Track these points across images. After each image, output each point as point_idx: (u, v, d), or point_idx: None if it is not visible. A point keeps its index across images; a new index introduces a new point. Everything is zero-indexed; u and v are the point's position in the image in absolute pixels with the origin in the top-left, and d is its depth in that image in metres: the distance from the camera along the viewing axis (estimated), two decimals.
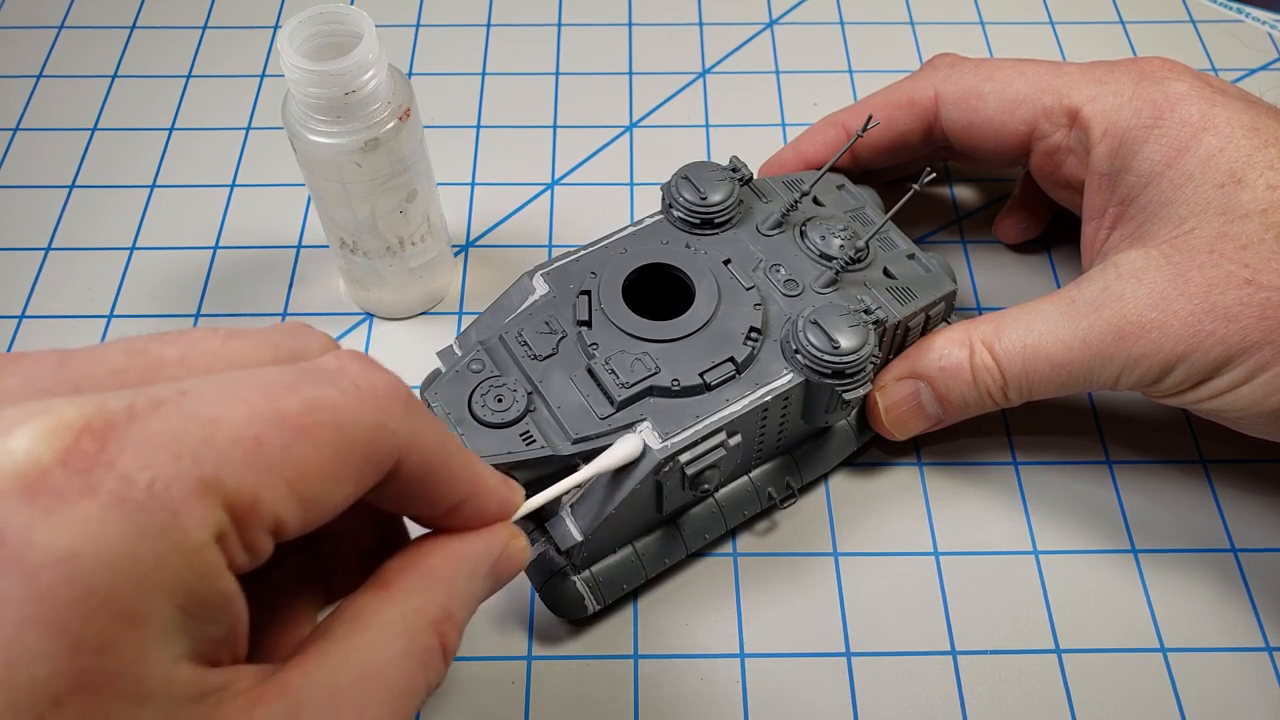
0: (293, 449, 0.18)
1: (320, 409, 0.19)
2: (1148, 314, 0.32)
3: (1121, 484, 0.39)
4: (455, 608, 0.23)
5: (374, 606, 0.22)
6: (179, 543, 0.17)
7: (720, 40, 0.54)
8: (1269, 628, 0.36)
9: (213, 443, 0.18)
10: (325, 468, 0.19)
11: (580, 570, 0.34)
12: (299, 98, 0.34)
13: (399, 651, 0.21)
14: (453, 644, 0.23)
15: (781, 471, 0.37)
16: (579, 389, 0.33)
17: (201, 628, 0.18)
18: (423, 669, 0.22)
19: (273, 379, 0.19)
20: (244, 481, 0.18)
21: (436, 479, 0.22)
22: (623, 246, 0.37)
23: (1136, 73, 0.35)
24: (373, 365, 0.21)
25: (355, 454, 0.20)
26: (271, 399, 0.19)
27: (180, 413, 0.18)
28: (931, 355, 0.36)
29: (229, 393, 0.18)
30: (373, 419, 0.20)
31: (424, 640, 0.22)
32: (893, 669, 0.35)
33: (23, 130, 0.50)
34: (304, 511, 0.19)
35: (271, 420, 0.18)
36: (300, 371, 0.20)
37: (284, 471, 0.18)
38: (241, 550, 0.18)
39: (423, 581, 0.23)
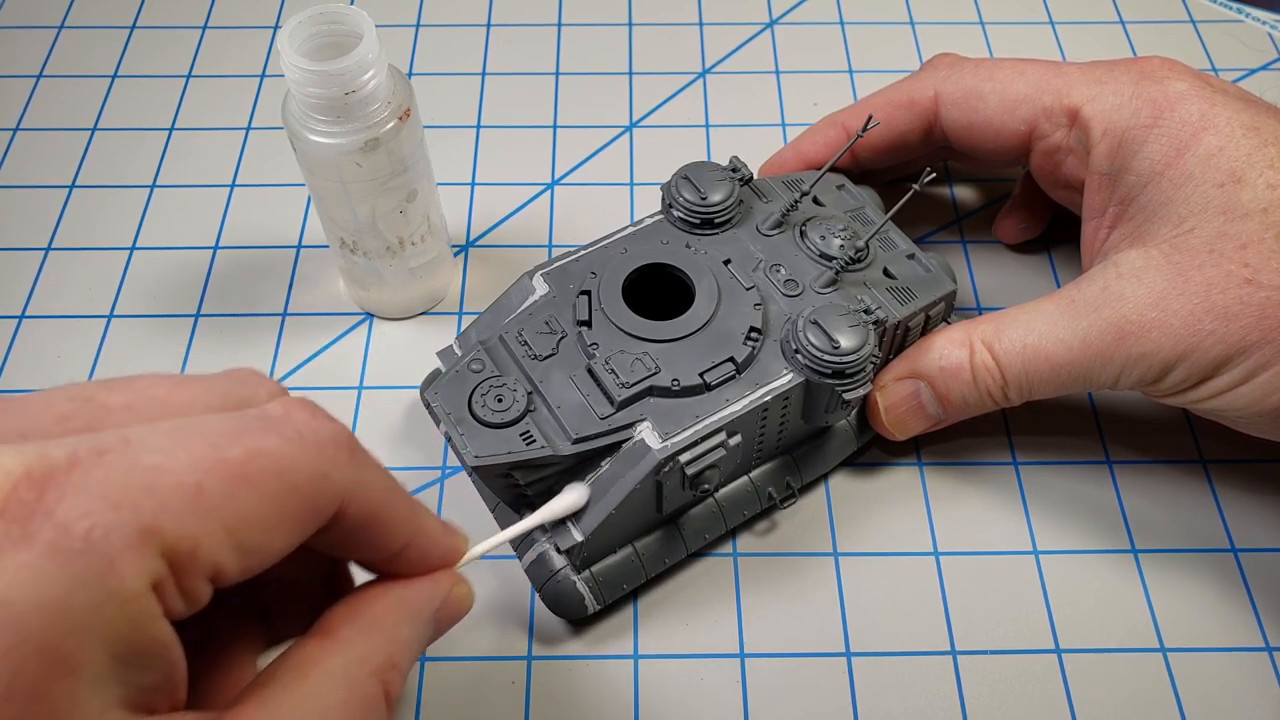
0: (234, 497, 0.19)
1: (263, 457, 0.19)
2: (1148, 313, 0.32)
3: (1121, 484, 0.39)
4: (398, 655, 0.23)
5: (316, 655, 0.22)
6: (115, 591, 0.17)
7: (720, 40, 0.54)
8: (1269, 628, 0.36)
9: (154, 491, 0.18)
10: (266, 515, 0.19)
11: (580, 570, 0.34)
12: (299, 98, 0.34)
13: (340, 701, 0.21)
14: (396, 691, 0.23)
15: (781, 471, 0.37)
16: (579, 389, 0.33)
17: (136, 675, 0.18)
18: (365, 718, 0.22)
19: (217, 427, 0.19)
20: (184, 529, 0.18)
21: (379, 525, 0.22)
22: (623, 246, 0.37)
23: (1136, 72, 0.35)
24: (319, 413, 0.21)
25: (296, 502, 0.20)
26: (215, 447, 0.19)
27: (122, 461, 0.18)
28: (931, 355, 0.36)
29: (172, 440, 0.19)
30: (315, 467, 0.20)
31: (367, 689, 0.22)
32: (893, 669, 0.35)
33: (23, 130, 0.50)
34: (243, 558, 0.19)
35: (214, 468, 0.18)
36: (244, 419, 0.20)
37: (224, 519, 0.18)
38: (178, 597, 0.18)
39: (366, 630, 0.23)
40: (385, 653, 0.23)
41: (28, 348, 0.43)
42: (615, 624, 0.36)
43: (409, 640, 0.24)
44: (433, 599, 0.24)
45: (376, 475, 0.22)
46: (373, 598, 0.24)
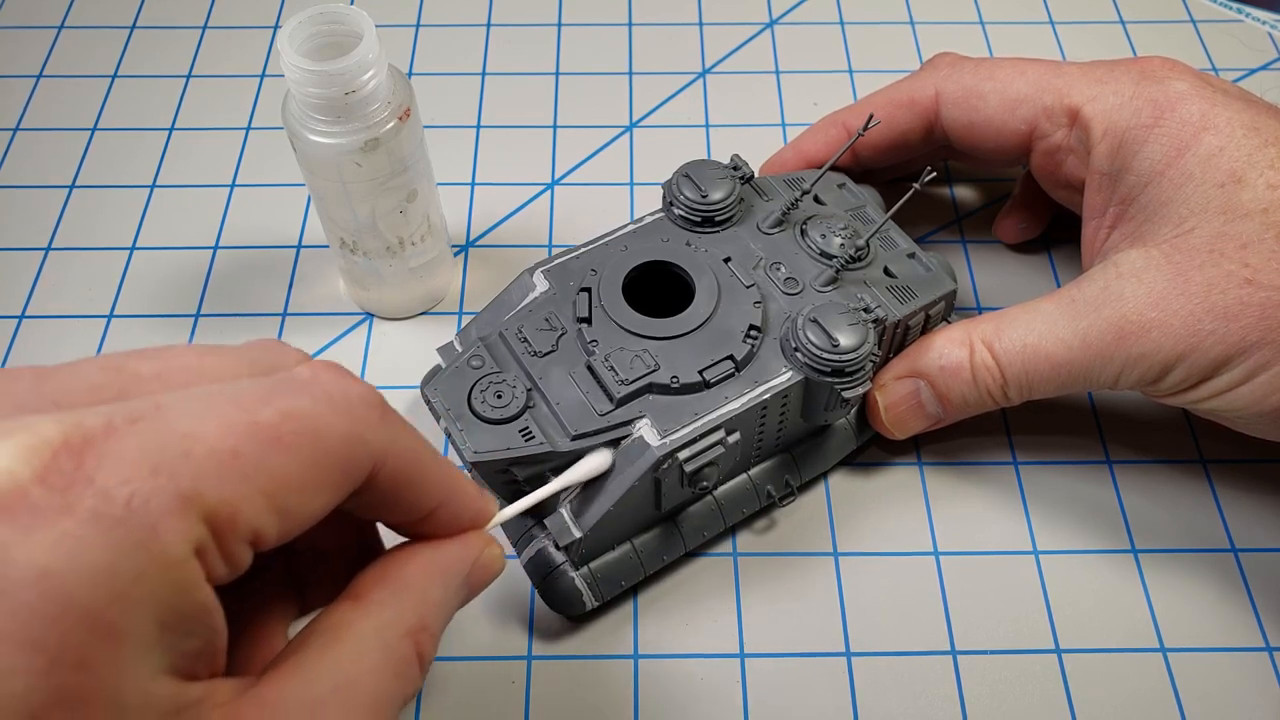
0: (269, 460, 0.19)
1: (295, 419, 0.19)
2: (1148, 313, 0.32)
3: (1121, 484, 0.39)
4: (430, 617, 0.23)
5: (349, 619, 0.22)
6: (158, 558, 0.17)
7: (720, 40, 0.54)
8: (1269, 628, 0.36)
9: (190, 457, 0.18)
10: (302, 478, 0.19)
11: (579, 567, 0.34)
12: (299, 98, 0.34)
13: (374, 663, 0.21)
14: (429, 653, 0.23)
15: (781, 470, 0.37)
16: (578, 385, 0.33)
17: (180, 641, 0.18)
18: (398, 679, 0.22)
19: (247, 391, 0.19)
20: (222, 494, 0.18)
21: (412, 486, 0.22)
22: (623, 244, 0.37)
23: (1137, 72, 0.35)
24: (346, 375, 0.21)
25: (331, 463, 0.20)
26: (247, 411, 0.19)
27: (157, 428, 0.18)
28: (931, 354, 0.36)
29: (204, 406, 0.19)
30: (348, 428, 0.20)
31: (400, 651, 0.22)
32: (893, 669, 0.35)
33: (23, 130, 0.50)
34: (281, 521, 0.19)
35: (248, 432, 0.18)
36: (274, 383, 0.20)
37: (261, 483, 0.18)
38: (220, 562, 0.18)
39: (398, 592, 0.23)
40: (417, 614, 0.23)
41: (28, 348, 0.43)
42: (615, 624, 0.36)
43: (440, 602, 0.24)
44: (464, 561, 0.24)
45: (408, 436, 0.22)
46: (404, 560, 0.24)
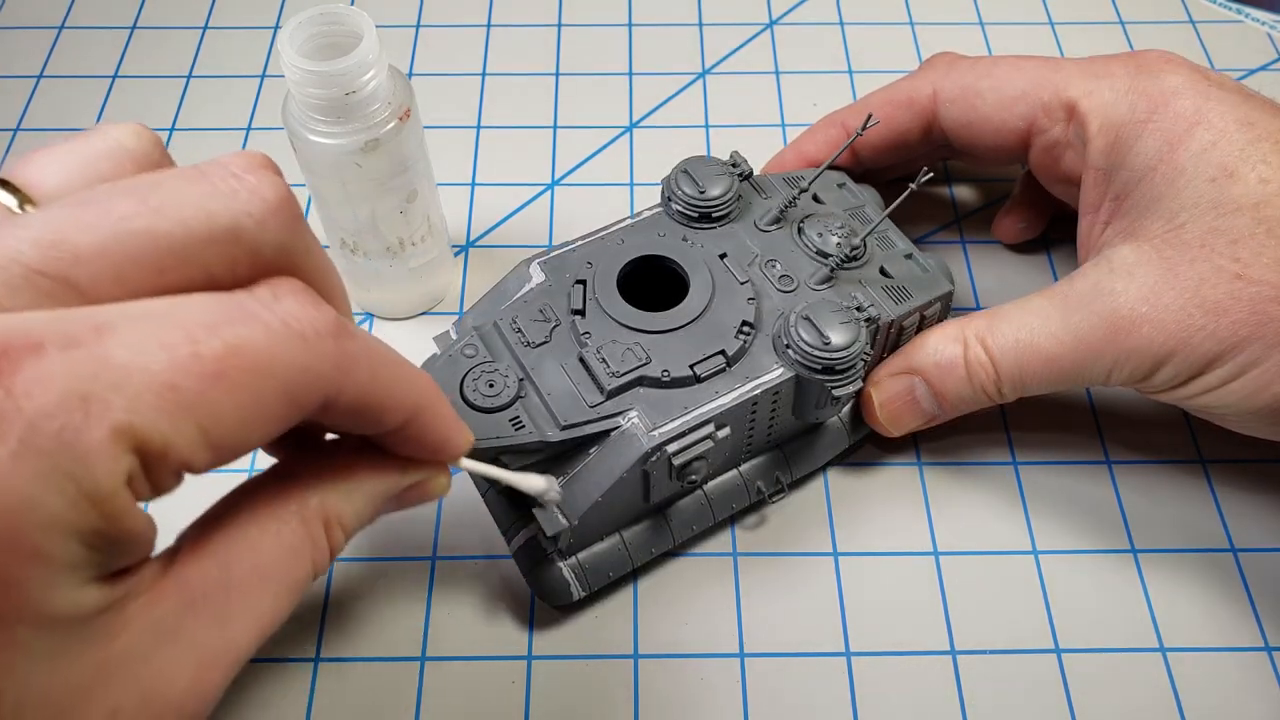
0: (208, 395, 0.18)
1: (242, 353, 0.19)
2: (1139, 308, 0.32)
3: (1121, 484, 0.39)
4: (346, 515, 0.23)
5: (273, 498, 0.22)
6: (88, 490, 0.17)
7: (720, 40, 0.54)
8: (1269, 628, 0.36)
9: (125, 389, 0.17)
10: (241, 414, 0.19)
11: (566, 557, 0.34)
12: (299, 98, 0.34)
13: (292, 547, 0.22)
14: (338, 546, 0.23)
15: (772, 466, 0.37)
16: (570, 377, 0.33)
17: (109, 559, 0.18)
18: (312, 565, 0.22)
19: (196, 317, 0.19)
20: (156, 428, 0.18)
21: (370, 410, 0.22)
22: (620, 238, 0.37)
23: (1133, 66, 0.35)
24: (306, 299, 0.20)
25: (275, 398, 0.19)
26: (192, 341, 0.18)
27: (93, 355, 0.17)
28: (926, 351, 0.36)
29: (147, 332, 0.18)
30: (298, 360, 0.19)
31: (317, 538, 0.22)
32: (893, 669, 0.35)
33: (23, 130, 0.50)
34: (215, 453, 0.19)
35: (188, 366, 0.18)
36: (226, 307, 0.19)
37: (197, 418, 0.18)
38: (148, 489, 0.18)
39: (324, 482, 0.23)
40: (337, 508, 0.23)
41: None
42: (615, 624, 0.36)
43: (361, 506, 0.24)
44: (400, 476, 0.25)
45: (366, 363, 0.21)
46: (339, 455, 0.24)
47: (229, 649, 0.20)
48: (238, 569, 0.21)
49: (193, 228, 0.20)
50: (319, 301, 0.21)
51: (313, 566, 0.22)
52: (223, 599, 0.20)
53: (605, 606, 0.36)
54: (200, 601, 0.20)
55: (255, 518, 0.22)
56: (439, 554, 0.37)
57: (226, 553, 0.21)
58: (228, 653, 0.20)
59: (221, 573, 0.21)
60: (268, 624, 0.21)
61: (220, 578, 0.20)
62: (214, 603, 0.20)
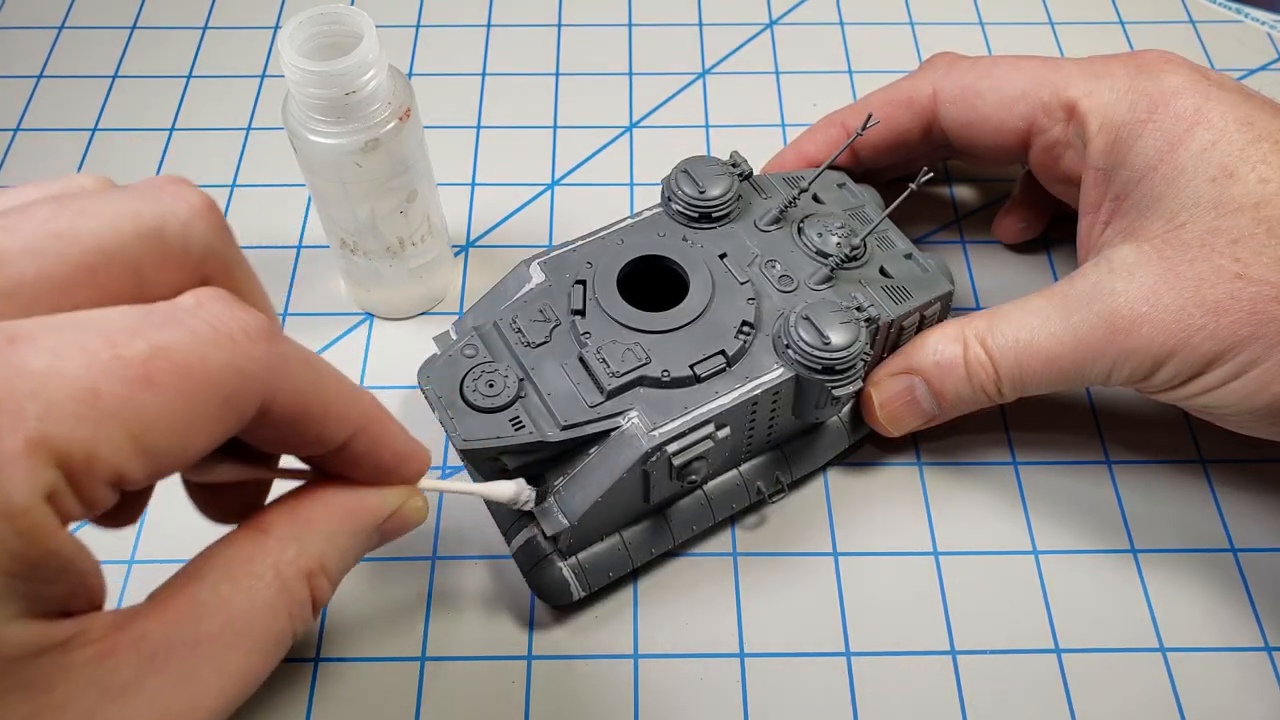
0: (135, 399, 0.17)
1: (167, 354, 0.18)
2: (1139, 308, 0.32)
3: (1121, 484, 0.39)
4: (331, 562, 0.22)
5: (248, 553, 0.21)
6: (2, 507, 0.16)
7: (720, 40, 0.54)
8: (1269, 628, 0.36)
9: (40, 396, 0.16)
10: (173, 417, 0.18)
11: (567, 557, 0.34)
12: (299, 98, 0.34)
13: (268, 602, 0.21)
14: (324, 596, 0.22)
15: (772, 466, 0.37)
16: (570, 377, 0.33)
17: (37, 588, 0.17)
18: (290, 621, 0.21)
19: (117, 323, 0.18)
20: (77, 436, 0.17)
21: (311, 419, 0.21)
22: (620, 238, 0.37)
23: (1133, 66, 0.35)
24: (233, 303, 0.20)
25: (208, 401, 0.18)
26: (113, 345, 0.17)
27: (7, 364, 0.16)
28: (926, 350, 0.36)
29: (65, 339, 0.17)
30: (228, 362, 0.19)
31: (296, 592, 0.21)
32: (893, 669, 0.35)
33: (23, 130, 0.50)
34: (150, 462, 0.18)
35: (110, 369, 0.17)
36: (149, 313, 0.18)
37: (125, 423, 0.17)
38: (77, 505, 0.17)
39: (302, 531, 0.22)
40: (318, 558, 0.22)
41: None
42: (615, 624, 0.36)
43: (346, 548, 0.23)
44: (380, 510, 0.24)
45: (301, 368, 0.21)
46: (315, 500, 0.23)
47: (195, 710, 0.19)
48: (206, 625, 0.20)
49: (119, 226, 0.20)
50: (246, 306, 0.20)
51: (290, 622, 0.21)
52: (188, 656, 0.19)
53: (605, 606, 0.36)
54: (161, 657, 0.19)
55: (229, 573, 0.21)
56: (439, 554, 0.37)
57: (195, 609, 0.20)
58: (192, 714, 0.19)
59: (188, 629, 0.19)
60: (240, 684, 0.20)
61: (187, 634, 0.19)
62: (178, 660, 0.19)
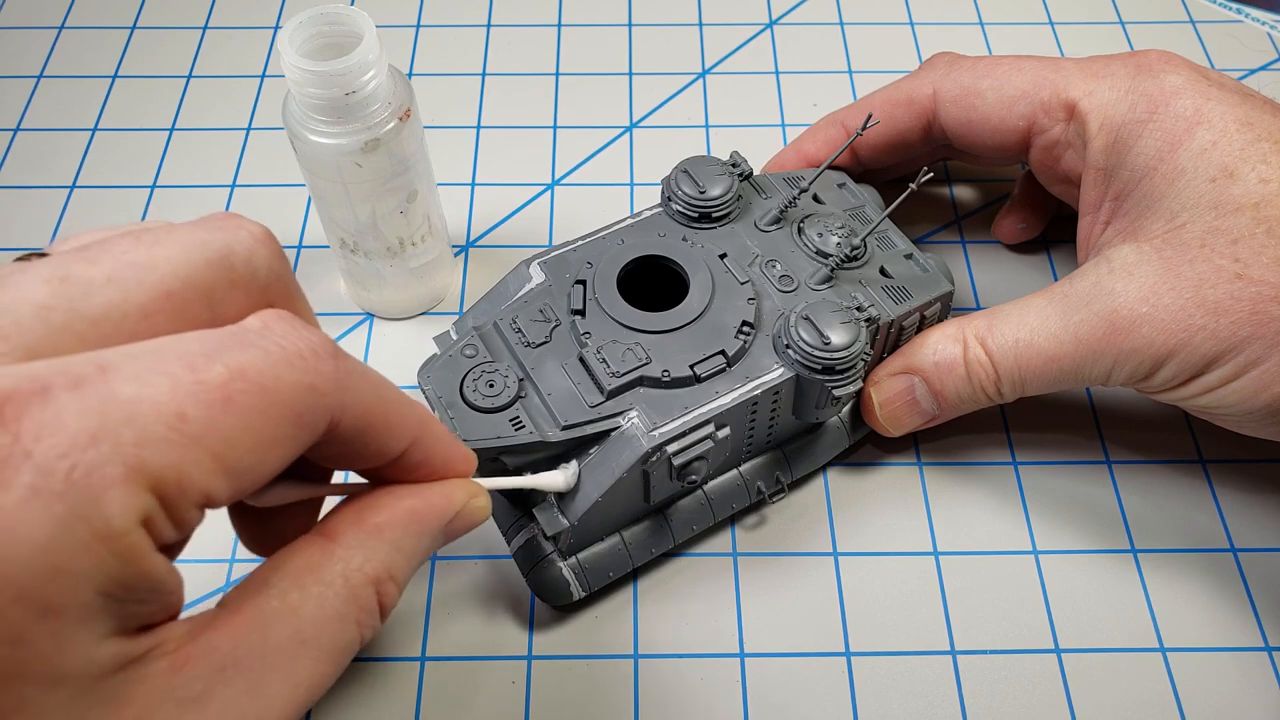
0: (218, 421, 0.18)
1: (245, 376, 0.18)
2: (1138, 308, 0.32)
3: (1121, 484, 0.39)
4: (399, 567, 0.23)
5: (315, 561, 0.21)
6: (101, 531, 0.16)
7: (720, 40, 0.54)
8: (1269, 628, 0.36)
9: (134, 423, 0.17)
10: (253, 437, 0.18)
11: (567, 557, 0.34)
12: (299, 98, 0.34)
13: (337, 611, 0.21)
14: (391, 602, 0.22)
15: (772, 466, 0.37)
16: (570, 377, 0.33)
17: (128, 608, 0.18)
18: (358, 628, 0.21)
19: (194, 347, 0.18)
20: (169, 460, 0.17)
21: (375, 431, 0.22)
22: (620, 238, 0.37)
23: (1134, 66, 0.35)
24: (298, 324, 0.20)
25: (284, 419, 0.19)
26: (193, 369, 0.18)
27: (100, 392, 0.17)
28: (925, 350, 0.36)
29: (149, 365, 0.18)
30: (300, 380, 0.19)
31: (364, 600, 0.21)
32: (893, 669, 0.35)
33: (23, 130, 0.50)
34: (233, 482, 0.18)
35: (194, 393, 0.18)
36: (222, 336, 0.19)
37: (210, 445, 0.18)
38: (170, 528, 0.18)
39: (369, 538, 0.22)
40: (386, 563, 0.22)
41: None
42: (615, 623, 0.36)
43: (413, 551, 0.23)
44: (444, 509, 0.24)
45: (365, 382, 0.21)
46: (380, 504, 0.23)
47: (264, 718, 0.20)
48: (275, 635, 0.20)
49: (190, 255, 0.20)
50: (309, 326, 0.21)
51: (358, 629, 0.21)
52: (258, 666, 0.19)
53: (605, 606, 0.36)
54: (232, 668, 0.19)
55: (297, 581, 0.21)
56: (439, 554, 0.37)
57: (263, 618, 0.20)
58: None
59: (258, 638, 0.20)
60: (309, 692, 0.20)
61: (256, 644, 0.20)
62: (248, 670, 0.19)
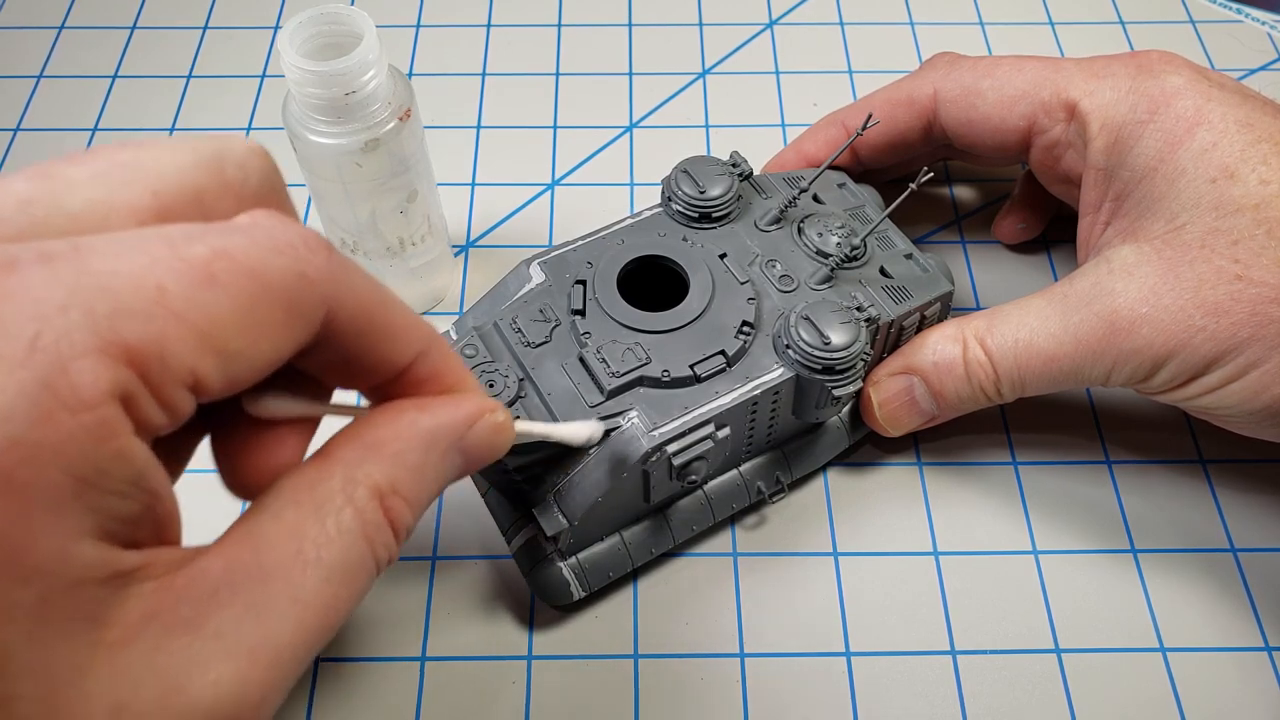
0: (200, 297, 0.17)
1: (230, 256, 0.17)
2: (1139, 309, 0.32)
3: (1121, 484, 0.39)
4: (404, 482, 0.21)
5: (311, 480, 0.20)
6: (68, 402, 0.15)
7: (720, 40, 0.54)
8: (1268, 628, 0.36)
9: (108, 294, 0.16)
10: (240, 317, 0.17)
11: (567, 557, 0.34)
12: (299, 98, 0.34)
13: (340, 527, 0.20)
14: (402, 521, 0.21)
15: (772, 466, 0.37)
16: (570, 377, 0.33)
17: (107, 501, 0.16)
18: (369, 544, 0.20)
19: (176, 231, 0.18)
20: (146, 332, 0.16)
21: (375, 333, 0.21)
22: (620, 238, 0.37)
23: (1134, 66, 0.35)
24: (290, 220, 0.19)
25: (274, 303, 0.18)
26: (174, 246, 0.17)
27: (71, 266, 0.16)
28: (925, 350, 0.36)
29: (127, 244, 0.17)
30: (290, 267, 0.18)
31: (368, 514, 0.20)
32: (892, 669, 0.35)
33: (23, 130, 0.50)
34: (223, 364, 0.17)
35: (175, 268, 0.17)
36: (207, 225, 0.18)
37: (193, 321, 0.17)
38: (156, 408, 0.17)
39: (369, 452, 0.21)
40: (389, 477, 0.21)
41: None
42: (615, 624, 0.36)
43: (419, 466, 0.22)
44: (454, 423, 0.22)
45: (363, 279, 0.20)
46: (381, 419, 0.22)
47: (269, 643, 0.18)
48: (276, 554, 0.19)
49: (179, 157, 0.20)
50: (302, 225, 0.20)
51: (369, 547, 0.20)
52: (257, 587, 0.18)
53: (605, 606, 0.36)
54: (226, 590, 0.18)
55: (294, 500, 0.20)
56: (439, 554, 0.37)
57: (259, 539, 0.19)
58: (267, 647, 0.18)
59: (253, 559, 0.18)
60: (321, 614, 0.19)
61: (252, 564, 0.18)
62: (244, 592, 0.18)
